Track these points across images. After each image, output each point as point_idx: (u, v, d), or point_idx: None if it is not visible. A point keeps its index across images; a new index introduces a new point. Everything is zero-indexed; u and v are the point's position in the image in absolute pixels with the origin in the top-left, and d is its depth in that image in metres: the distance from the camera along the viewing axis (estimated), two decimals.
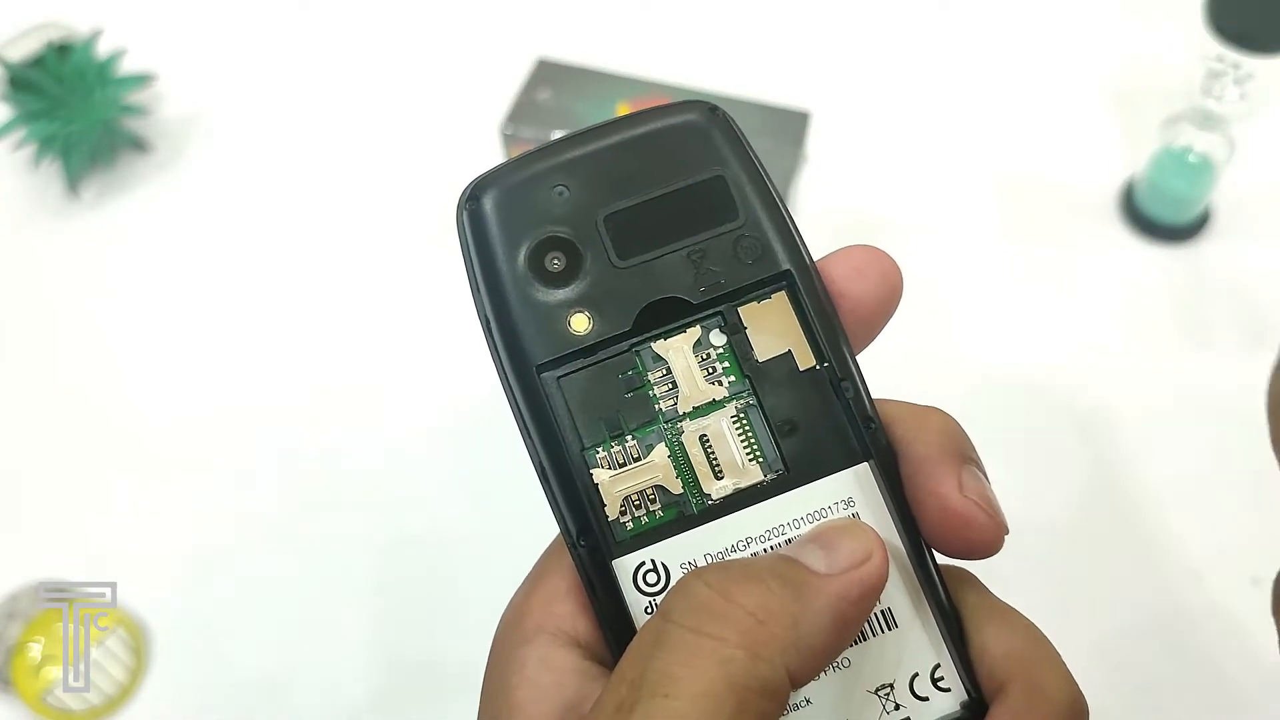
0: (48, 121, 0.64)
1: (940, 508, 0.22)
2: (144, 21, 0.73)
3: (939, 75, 0.71)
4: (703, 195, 0.24)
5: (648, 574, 0.23)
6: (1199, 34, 0.55)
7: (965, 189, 0.65)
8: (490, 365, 0.23)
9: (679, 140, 0.24)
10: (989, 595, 0.23)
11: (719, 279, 0.23)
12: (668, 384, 0.23)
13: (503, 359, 0.23)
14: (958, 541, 0.22)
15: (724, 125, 0.24)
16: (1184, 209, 0.62)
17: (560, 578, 0.23)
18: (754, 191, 0.24)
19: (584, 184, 0.23)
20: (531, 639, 0.23)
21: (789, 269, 0.23)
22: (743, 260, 0.23)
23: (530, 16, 0.74)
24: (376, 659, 0.50)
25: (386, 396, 0.58)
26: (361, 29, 0.75)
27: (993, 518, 0.22)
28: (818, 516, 0.23)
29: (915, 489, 0.22)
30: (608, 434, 0.23)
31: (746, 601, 0.19)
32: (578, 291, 0.23)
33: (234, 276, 0.63)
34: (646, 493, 0.23)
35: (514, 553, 0.52)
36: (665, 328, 0.23)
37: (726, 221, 0.23)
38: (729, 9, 0.75)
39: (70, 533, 0.54)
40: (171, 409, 0.58)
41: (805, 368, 0.23)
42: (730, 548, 0.23)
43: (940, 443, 0.23)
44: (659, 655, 0.19)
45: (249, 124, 0.71)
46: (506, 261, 0.23)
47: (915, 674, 0.22)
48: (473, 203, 0.24)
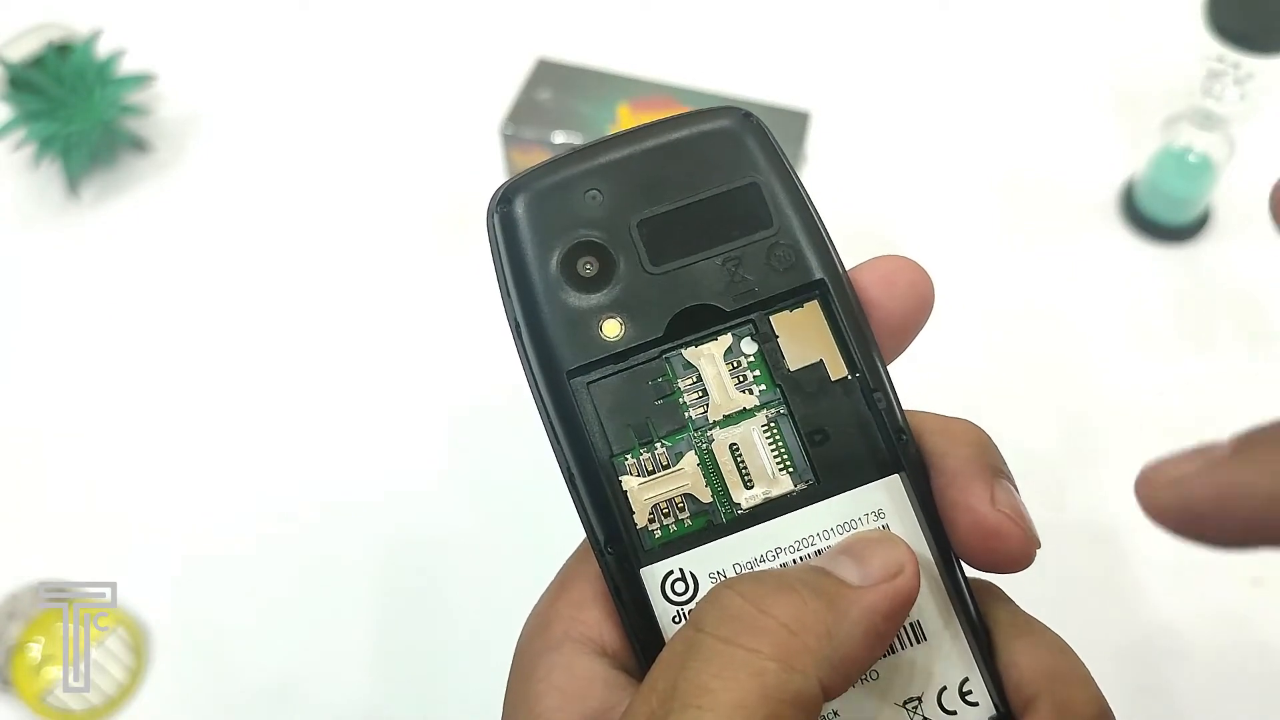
0: (48, 121, 0.64)
1: (972, 521, 0.22)
2: (144, 21, 0.73)
3: (939, 75, 0.71)
4: (737, 202, 0.23)
5: (676, 583, 0.22)
6: (1199, 34, 0.55)
7: (965, 189, 0.65)
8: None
9: (713, 146, 0.24)
10: (1017, 609, 0.23)
11: (752, 287, 0.23)
12: (698, 391, 0.23)
13: (532, 364, 0.23)
14: (989, 555, 0.22)
15: (758, 132, 0.24)
16: (1184, 209, 0.62)
17: (586, 584, 0.23)
18: (788, 199, 0.24)
19: (617, 189, 0.23)
20: (557, 646, 0.22)
21: (822, 278, 0.23)
22: (776, 269, 0.23)
23: (530, 16, 0.74)
24: (377, 659, 0.50)
25: (388, 397, 0.58)
26: (361, 29, 0.75)
27: (1025, 531, 0.22)
28: (848, 528, 0.23)
29: (947, 501, 0.22)
30: (637, 441, 0.23)
31: (780, 613, 0.19)
32: (610, 297, 0.23)
33: (234, 276, 0.63)
34: (675, 501, 0.23)
35: (519, 558, 0.52)
36: (697, 335, 0.23)
37: (760, 229, 0.23)
38: (729, 9, 0.75)
39: (70, 533, 0.54)
40: (171, 409, 0.58)
41: (837, 377, 0.23)
42: (759, 558, 0.22)
43: (972, 455, 0.22)
44: (691, 665, 0.19)
45: (249, 124, 0.71)
46: (538, 265, 0.23)
47: (944, 688, 0.22)
48: (504, 205, 0.23)
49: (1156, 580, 0.51)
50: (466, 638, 0.50)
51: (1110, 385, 0.57)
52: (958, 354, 0.58)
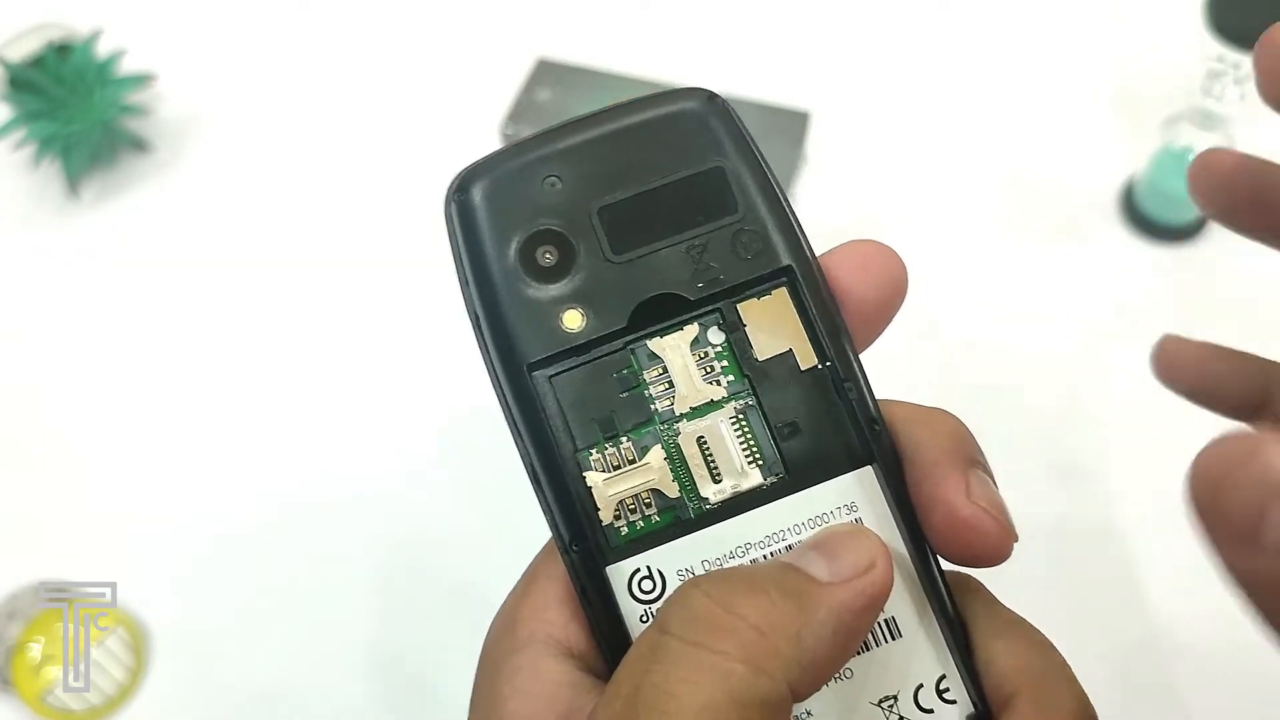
0: (48, 121, 0.64)
1: (947, 514, 0.21)
2: (144, 21, 0.73)
3: (939, 75, 0.71)
4: (701, 187, 0.23)
5: (643, 581, 0.22)
6: (1199, 34, 0.55)
7: (965, 189, 0.65)
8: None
9: (676, 129, 0.23)
10: (996, 604, 0.22)
11: (717, 274, 0.22)
12: (664, 383, 0.23)
13: (492, 356, 0.22)
14: (965, 549, 0.21)
15: (723, 114, 0.23)
16: (1184, 209, 0.61)
17: (552, 584, 0.23)
18: (754, 183, 0.23)
19: (577, 174, 0.22)
20: (523, 647, 0.22)
21: (790, 264, 0.22)
22: (742, 255, 0.22)
23: (530, 16, 0.74)
24: (375, 659, 0.50)
25: (386, 398, 0.58)
26: (361, 29, 0.75)
27: (1001, 525, 0.21)
28: (820, 522, 0.22)
29: (921, 494, 0.22)
30: (601, 435, 0.22)
31: (748, 613, 0.18)
32: (570, 287, 0.22)
33: (234, 276, 0.63)
34: (642, 496, 0.22)
35: (515, 557, 0.52)
36: (661, 325, 0.23)
37: (725, 215, 0.23)
38: (729, 9, 0.75)
39: (70, 533, 0.54)
40: (171, 409, 0.58)
41: (807, 367, 0.23)
42: (729, 554, 0.22)
43: (947, 446, 0.22)
44: (656, 669, 0.18)
45: (249, 124, 0.71)
46: (496, 255, 0.22)
47: (920, 685, 0.21)
48: (461, 193, 0.23)
49: (1159, 580, 0.51)
50: (466, 639, 0.50)
51: (1110, 385, 0.57)
52: (958, 353, 0.58)
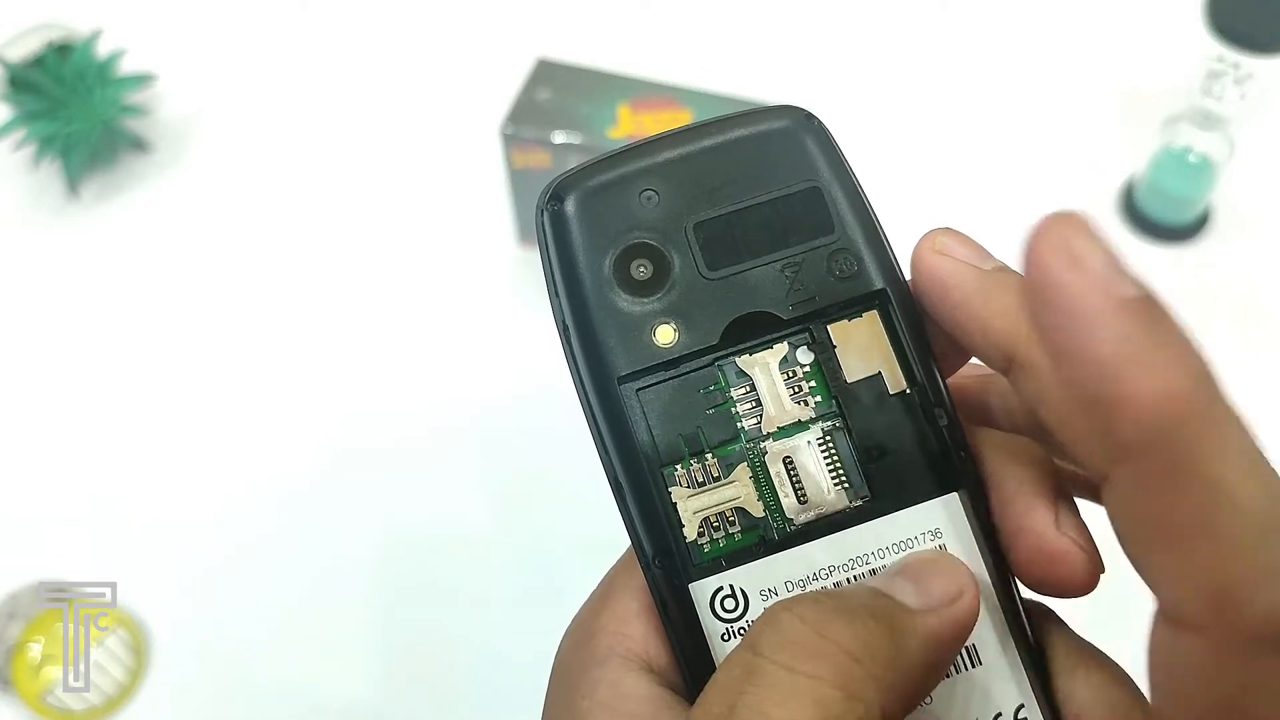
0: (48, 121, 0.64)
1: (1035, 545, 0.21)
2: (144, 21, 0.73)
3: (938, 75, 0.71)
4: (797, 206, 0.23)
5: (725, 599, 0.22)
6: (1199, 34, 0.55)
7: (965, 189, 0.65)
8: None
9: (773, 147, 0.23)
10: (1074, 635, 0.22)
11: (811, 294, 0.22)
12: (751, 401, 0.22)
13: (580, 368, 0.22)
14: (1050, 579, 0.21)
15: (820, 133, 0.23)
16: (1184, 209, 0.62)
17: (631, 597, 0.22)
18: (849, 205, 0.23)
19: (674, 189, 0.22)
20: (603, 661, 0.22)
21: (884, 288, 0.22)
22: (836, 276, 0.22)
23: (530, 16, 0.74)
24: (378, 659, 0.50)
25: (387, 398, 0.58)
26: (361, 29, 0.75)
27: (1090, 557, 0.21)
28: (904, 547, 0.22)
29: (1008, 523, 0.21)
30: (687, 451, 0.22)
31: (842, 639, 0.18)
32: (664, 302, 0.22)
33: (234, 277, 0.63)
34: (726, 514, 0.22)
35: (521, 561, 0.52)
36: (751, 343, 0.22)
37: (821, 235, 0.23)
38: (729, 9, 0.75)
39: (70, 533, 0.54)
40: (172, 409, 0.58)
41: (895, 391, 0.22)
42: (812, 576, 0.22)
43: (1034, 475, 0.22)
44: (750, 691, 0.18)
45: (249, 124, 0.71)
46: (589, 267, 0.22)
47: (998, 714, 0.21)
48: (555, 203, 0.22)
49: None
50: (469, 640, 0.50)
51: None
52: None
